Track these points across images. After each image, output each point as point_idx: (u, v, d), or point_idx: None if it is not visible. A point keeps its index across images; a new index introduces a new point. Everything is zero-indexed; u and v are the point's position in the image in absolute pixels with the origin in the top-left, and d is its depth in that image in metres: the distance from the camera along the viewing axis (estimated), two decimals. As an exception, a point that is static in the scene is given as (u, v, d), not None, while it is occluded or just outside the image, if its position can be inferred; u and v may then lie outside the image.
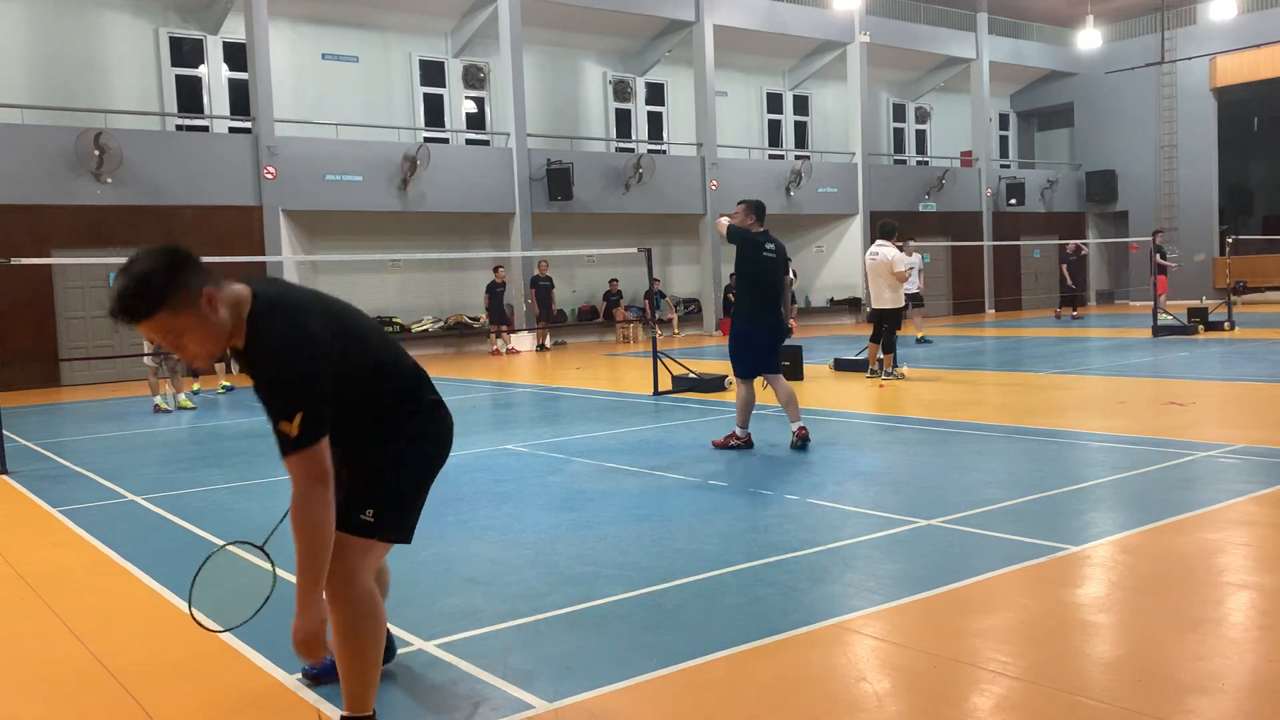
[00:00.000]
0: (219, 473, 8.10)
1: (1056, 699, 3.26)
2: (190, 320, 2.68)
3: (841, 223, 28.07)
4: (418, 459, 3.15)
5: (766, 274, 7.96)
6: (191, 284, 2.67)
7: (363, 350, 2.99)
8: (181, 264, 2.68)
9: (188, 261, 2.70)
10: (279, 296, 2.85)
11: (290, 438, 2.72)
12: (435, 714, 3.36)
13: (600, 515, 6.06)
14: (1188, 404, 9.69)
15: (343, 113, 20.92)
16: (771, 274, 7.99)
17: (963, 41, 30.08)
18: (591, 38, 24.53)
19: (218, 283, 2.74)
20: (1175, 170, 31.17)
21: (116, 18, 18.94)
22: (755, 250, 7.93)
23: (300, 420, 2.71)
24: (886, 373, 12.82)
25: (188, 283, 2.66)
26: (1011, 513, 5.70)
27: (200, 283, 2.69)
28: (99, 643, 4.20)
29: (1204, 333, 18.18)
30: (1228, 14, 26.40)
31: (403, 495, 3.10)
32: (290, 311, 2.81)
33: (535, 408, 12.29)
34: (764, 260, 7.93)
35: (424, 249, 21.23)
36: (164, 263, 2.65)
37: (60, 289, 17.12)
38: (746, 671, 3.58)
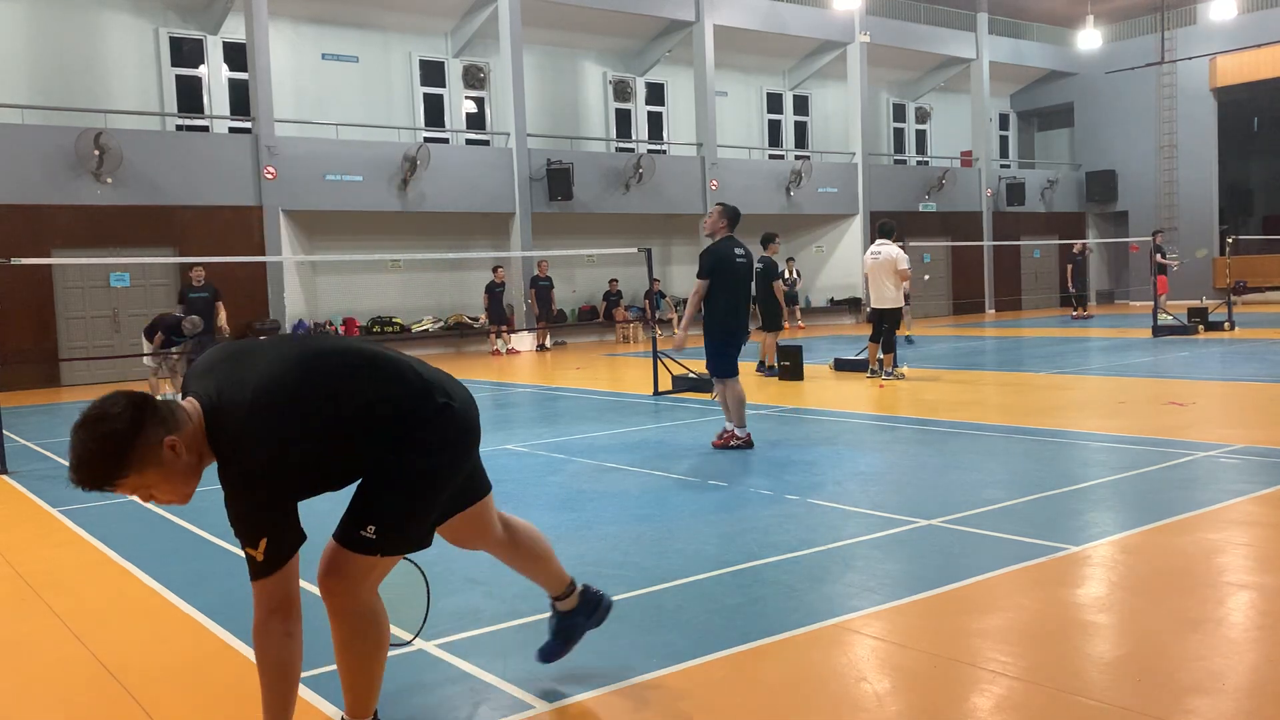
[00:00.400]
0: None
1: (1056, 699, 3.26)
2: (155, 475, 2.57)
3: (841, 223, 28.07)
4: (419, 471, 2.89)
5: (741, 279, 8.32)
6: (152, 439, 2.51)
7: (346, 397, 2.74)
8: (140, 423, 2.49)
9: (146, 416, 2.51)
10: (230, 406, 2.60)
11: (256, 563, 2.63)
12: (435, 714, 3.36)
13: (600, 515, 6.06)
14: (1188, 404, 9.69)
15: (343, 113, 20.92)
16: (745, 278, 8.36)
17: (963, 41, 30.08)
18: (591, 38, 24.53)
19: (175, 424, 2.57)
20: (1175, 170, 31.17)
21: (116, 18, 18.94)
22: (729, 258, 8.20)
23: (264, 547, 2.61)
24: (886, 373, 12.82)
25: (148, 440, 2.50)
26: (1011, 513, 5.69)
27: (161, 434, 2.52)
28: (99, 643, 4.20)
29: (1204, 333, 18.18)
30: (1228, 14, 26.40)
31: (404, 510, 2.92)
32: (241, 429, 2.59)
33: (535, 408, 12.29)
34: (737, 266, 8.21)
35: (424, 249, 21.23)
36: (123, 425, 2.47)
37: (60, 289, 17.11)
38: (746, 671, 3.58)
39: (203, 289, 14.21)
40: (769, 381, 13.23)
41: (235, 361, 2.75)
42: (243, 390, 2.62)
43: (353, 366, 2.80)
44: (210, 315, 14.24)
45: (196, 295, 14.09)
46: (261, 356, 2.74)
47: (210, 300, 14.26)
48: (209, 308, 14.23)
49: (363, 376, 2.80)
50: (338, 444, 2.73)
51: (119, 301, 17.45)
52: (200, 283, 14.24)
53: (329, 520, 3.02)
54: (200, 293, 14.15)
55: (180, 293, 14.29)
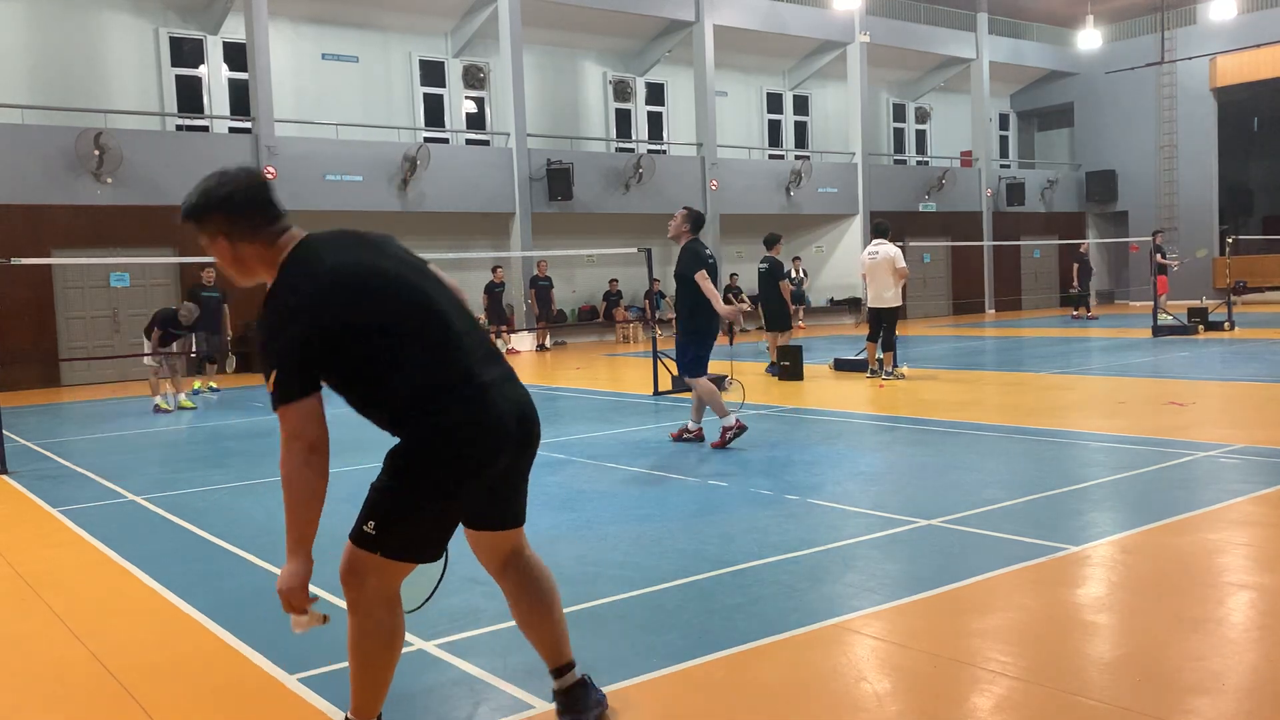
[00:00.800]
0: (219, 473, 8.10)
1: (1056, 699, 3.26)
2: (216, 249, 2.83)
3: (841, 223, 28.07)
4: (422, 474, 2.81)
5: (713, 280, 8.48)
6: (214, 226, 2.79)
7: (384, 350, 2.76)
8: (210, 209, 2.78)
9: (224, 210, 2.77)
10: (312, 257, 2.78)
11: (269, 392, 2.82)
12: (435, 714, 3.36)
13: (600, 515, 6.06)
14: (1188, 404, 9.69)
15: (343, 113, 20.92)
16: (714, 279, 8.50)
17: (963, 41, 30.08)
18: (591, 38, 24.52)
19: (239, 234, 2.79)
20: (1175, 170, 31.17)
21: (116, 18, 18.93)
22: (705, 258, 8.48)
23: (274, 379, 2.76)
24: (886, 372, 12.82)
25: (212, 224, 2.78)
26: (1011, 513, 5.69)
27: (219, 228, 2.78)
28: (99, 642, 4.20)
29: (1204, 333, 18.18)
30: (1228, 14, 26.39)
31: (400, 512, 2.86)
32: (297, 274, 2.75)
33: (535, 408, 12.27)
34: (711, 266, 8.46)
35: (424, 249, 20.98)
36: (200, 199, 2.79)
37: (60, 289, 17.12)
38: (746, 671, 3.58)
39: (213, 289, 14.12)
40: (770, 381, 13.23)
41: (361, 240, 2.91)
42: (335, 256, 2.79)
43: (414, 336, 2.78)
44: (219, 316, 14.17)
45: (208, 295, 13.97)
46: (379, 253, 2.86)
47: (220, 301, 14.20)
48: (219, 309, 14.17)
49: (411, 351, 2.78)
50: (357, 368, 2.84)
51: (119, 301, 17.45)
52: (211, 283, 14.14)
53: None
54: (211, 292, 14.04)
55: (190, 292, 14.14)
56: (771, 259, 13.91)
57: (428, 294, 2.86)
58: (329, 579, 4.95)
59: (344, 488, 7.34)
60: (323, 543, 3.04)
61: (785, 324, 14.07)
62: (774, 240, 14.12)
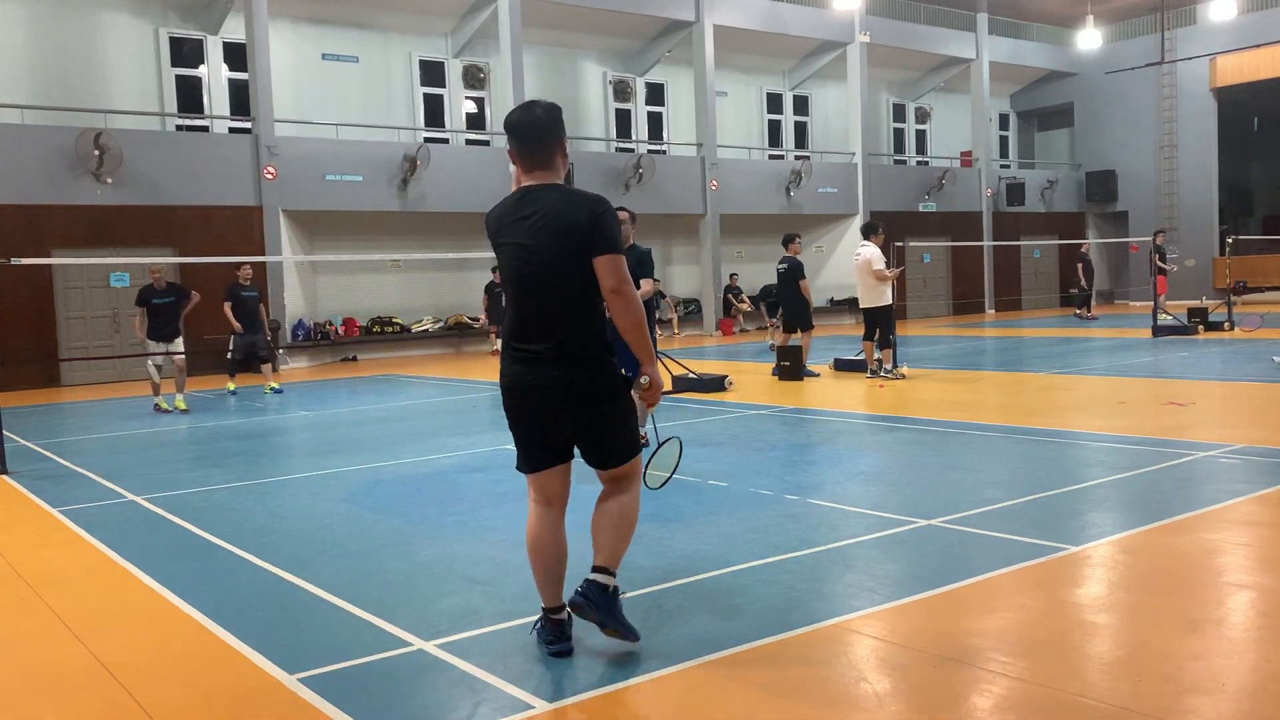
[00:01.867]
0: (219, 473, 8.10)
1: (1056, 699, 3.26)
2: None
3: (841, 223, 28.06)
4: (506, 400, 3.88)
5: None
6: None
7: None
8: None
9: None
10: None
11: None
12: (435, 714, 3.36)
13: (600, 515, 6.06)
14: (1188, 404, 9.69)
15: (343, 113, 20.91)
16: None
17: (963, 41, 30.08)
18: (591, 38, 24.53)
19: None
20: (1175, 170, 31.16)
21: (116, 18, 18.94)
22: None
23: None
24: (886, 371, 12.81)
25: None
26: (1011, 513, 5.70)
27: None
28: (99, 642, 4.20)
29: (1204, 333, 18.18)
30: (1228, 14, 26.39)
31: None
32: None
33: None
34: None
35: (424, 249, 21.22)
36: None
37: (60, 289, 17.12)
38: (746, 671, 3.58)
39: (250, 287, 13.92)
40: (771, 381, 13.22)
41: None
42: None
43: (509, 272, 3.79)
44: (257, 313, 13.95)
45: (248, 294, 13.79)
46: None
47: (258, 299, 14.04)
48: (258, 307, 13.99)
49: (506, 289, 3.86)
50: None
51: (119, 301, 17.44)
52: (248, 281, 13.94)
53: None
54: (250, 291, 13.86)
55: (229, 290, 13.85)
56: (790, 258, 13.82)
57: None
58: (329, 579, 4.97)
59: (343, 488, 7.39)
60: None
61: (807, 323, 13.93)
62: (791, 239, 14.01)
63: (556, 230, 3.61)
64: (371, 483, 7.36)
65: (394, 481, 7.39)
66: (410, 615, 4.30)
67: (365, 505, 6.60)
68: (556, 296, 3.65)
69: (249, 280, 13.95)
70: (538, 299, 3.68)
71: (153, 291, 12.02)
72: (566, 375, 3.66)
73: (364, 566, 5.11)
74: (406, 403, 12.85)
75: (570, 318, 3.66)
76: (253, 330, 13.85)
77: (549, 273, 3.64)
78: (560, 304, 3.66)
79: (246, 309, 13.71)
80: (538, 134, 3.73)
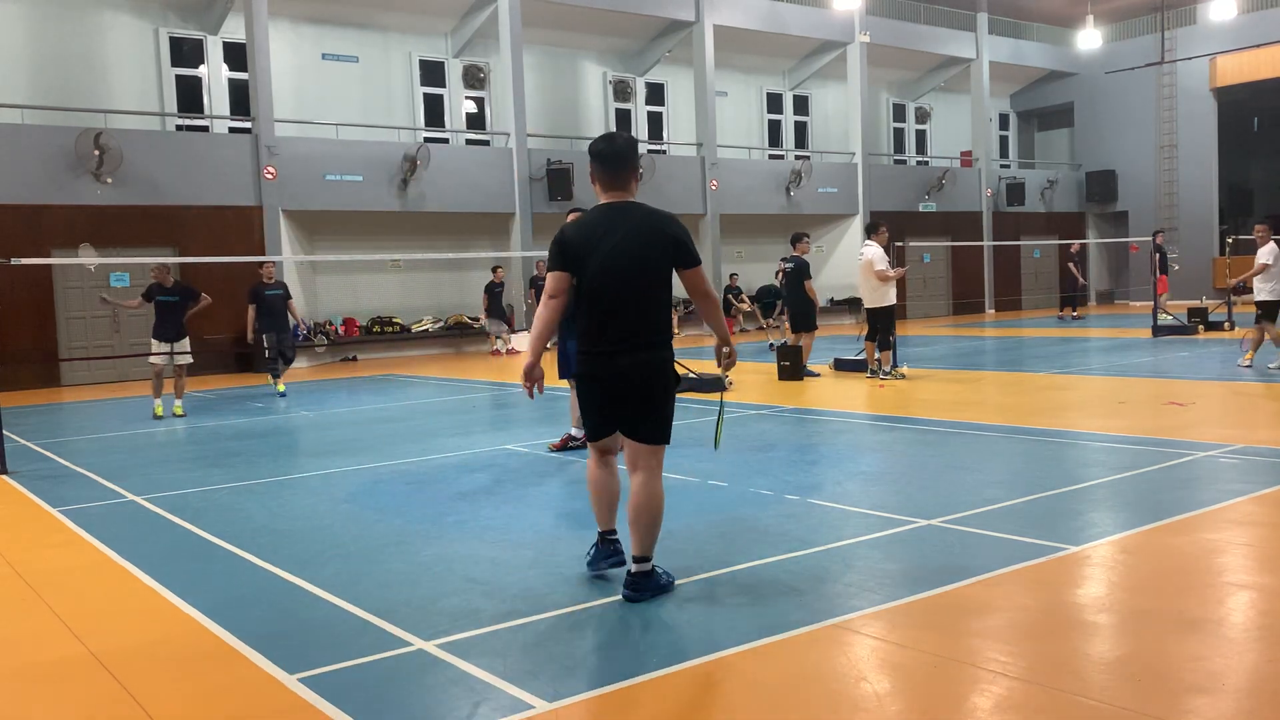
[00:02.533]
0: (219, 473, 8.10)
1: (1056, 699, 3.26)
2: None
3: (841, 223, 28.07)
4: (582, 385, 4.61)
5: None
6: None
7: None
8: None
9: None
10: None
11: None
12: (435, 714, 3.36)
13: (600, 515, 6.06)
14: (1188, 404, 9.69)
15: (343, 113, 20.91)
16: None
17: (963, 41, 30.08)
18: (591, 38, 24.52)
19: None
20: (1175, 170, 31.16)
21: (116, 18, 18.93)
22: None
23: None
24: (885, 372, 12.80)
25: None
26: (1011, 513, 5.70)
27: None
28: (99, 642, 4.20)
29: (1204, 333, 18.18)
30: (1228, 14, 26.38)
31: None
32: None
33: (535, 408, 12.28)
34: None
35: (424, 249, 21.22)
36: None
37: (60, 289, 17.12)
38: (746, 671, 3.58)
39: (275, 285, 13.68)
40: (771, 382, 13.22)
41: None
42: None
43: (597, 277, 4.43)
44: (284, 312, 13.72)
45: (272, 293, 13.57)
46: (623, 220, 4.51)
47: (284, 297, 13.77)
48: (283, 305, 13.74)
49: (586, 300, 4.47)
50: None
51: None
52: (272, 279, 13.69)
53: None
54: (274, 289, 13.62)
55: (252, 291, 13.63)
56: (797, 258, 13.79)
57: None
58: (329, 579, 4.97)
59: (343, 488, 7.38)
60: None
61: (810, 324, 13.91)
62: (799, 238, 13.94)
63: (641, 242, 4.38)
64: (371, 483, 7.36)
65: (394, 481, 7.39)
66: (410, 615, 4.30)
67: (365, 505, 6.60)
68: (641, 296, 4.37)
69: (272, 278, 13.68)
70: (623, 297, 4.36)
71: (160, 289, 11.82)
72: (638, 359, 4.36)
73: (364, 566, 5.11)
74: (406, 403, 12.85)
75: (647, 315, 4.39)
76: (279, 329, 13.63)
77: (632, 277, 4.36)
78: (640, 302, 4.37)
79: (272, 308, 13.43)
80: (620, 161, 4.58)
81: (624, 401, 4.42)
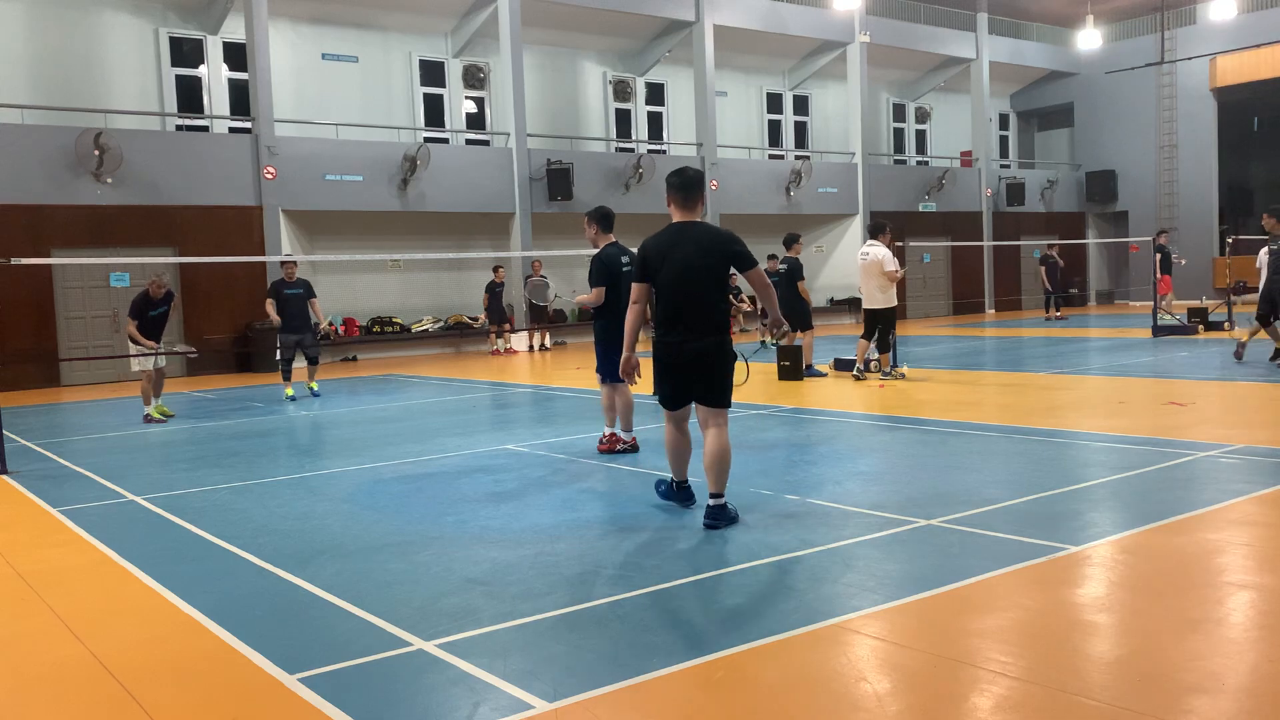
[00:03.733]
0: (219, 473, 8.10)
1: (1056, 699, 3.26)
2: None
3: (841, 223, 28.08)
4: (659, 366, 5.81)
5: (627, 287, 7.82)
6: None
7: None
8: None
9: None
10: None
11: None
12: (435, 714, 3.36)
13: (600, 515, 6.07)
14: (1188, 404, 9.69)
15: (343, 113, 20.92)
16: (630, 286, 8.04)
17: (963, 41, 30.08)
18: (591, 38, 24.53)
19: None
20: (1175, 170, 31.17)
21: (116, 18, 18.94)
22: (618, 267, 7.83)
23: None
24: (884, 373, 12.79)
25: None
26: (1011, 513, 5.70)
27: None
28: (99, 643, 4.20)
29: (1204, 333, 18.18)
30: (1228, 14, 26.39)
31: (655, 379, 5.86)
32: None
33: (535, 408, 12.29)
34: (625, 275, 7.65)
35: (424, 249, 21.22)
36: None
37: (60, 289, 17.12)
38: (746, 671, 3.58)
39: (296, 285, 13.36)
40: (771, 381, 13.22)
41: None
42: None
43: (673, 282, 5.67)
44: (306, 312, 13.39)
45: (291, 292, 13.27)
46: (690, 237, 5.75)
47: (305, 296, 13.41)
48: (304, 304, 13.39)
49: (663, 298, 5.72)
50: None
51: (119, 301, 17.42)
52: (293, 278, 13.40)
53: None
54: (294, 289, 13.32)
55: (272, 287, 13.44)
56: (791, 259, 13.85)
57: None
58: (329, 579, 4.97)
59: (343, 488, 7.38)
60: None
61: (807, 323, 13.95)
62: (793, 240, 14.03)
63: (702, 253, 5.61)
64: (371, 483, 7.36)
65: (394, 481, 7.39)
66: (410, 615, 4.30)
67: (365, 505, 6.60)
68: (704, 295, 5.63)
69: (293, 277, 13.40)
70: (691, 296, 5.60)
71: (149, 303, 11.54)
72: (704, 344, 5.59)
73: (364, 566, 5.11)
74: (406, 403, 12.85)
75: (711, 308, 5.65)
76: (300, 329, 13.37)
77: (700, 278, 5.59)
78: (706, 299, 5.64)
79: (291, 307, 13.21)
80: (692, 189, 5.75)
81: (695, 376, 5.64)
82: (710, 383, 5.65)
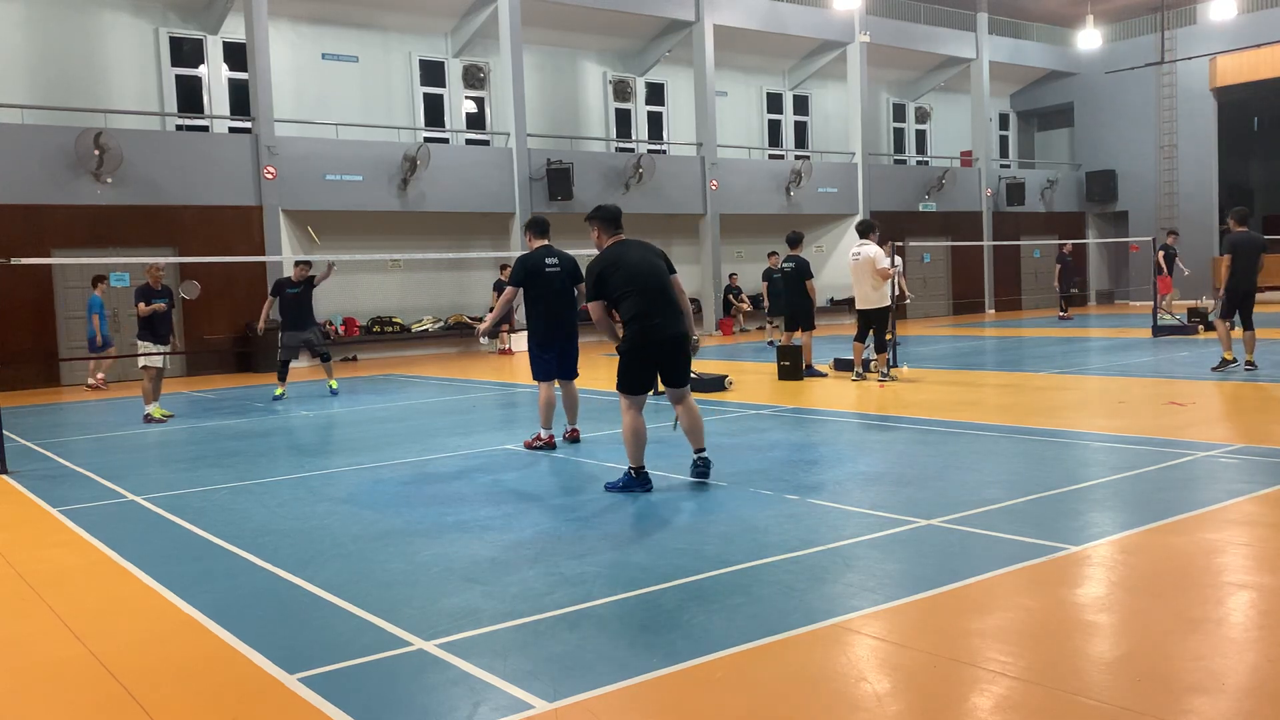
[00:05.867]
0: (219, 473, 8.10)
1: (1056, 699, 3.26)
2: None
3: (841, 223, 28.06)
4: (621, 354, 6.69)
5: (554, 290, 8.59)
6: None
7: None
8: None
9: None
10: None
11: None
12: (435, 714, 3.36)
13: (600, 515, 6.07)
14: (1188, 404, 9.69)
15: (343, 113, 20.91)
16: (557, 289, 8.61)
17: (963, 41, 30.08)
18: (591, 38, 24.52)
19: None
20: (1175, 170, 31.16)
21: (116, 18, 18.94)
22: (540, 268, 8.46)
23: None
24: (882, 374, 12.78)
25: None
26: (1011, 513, 5.70)
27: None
28: (99, 643, 4.20)
29: (1204, 333, 18.18)
30: (1228, 14, 26.38)
31: (619, 369, 6.67)
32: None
33: (535, 407, 12.27)
34: (549, 276, 8.49)
35: (424, 249, 21.21)
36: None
37: (60, 289, 17.11)
38: (746, 671, 3.58)
39: (297, 284, 13.29)
40: (771, 381, 13.21)
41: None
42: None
43: (633, 282, 6.62)
44: (310, 310, 13.38)
45: (293, 290, 13.25)
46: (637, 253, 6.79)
47: (307, 293, 13.35)
48: (308, 302, 13.33)
49: (632, 295, 6.58)
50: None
51: (119, 301, 17.43)
52: (300, 279, 13.30)
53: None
54: (295, 288, 13.28)
55: (275, 284, 13.37)
56: (797, 257, 13.82)
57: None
58: (329, 579, 4.97)
59: (343, 488, 7.38)
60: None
61: (809, 323, 13.93)
62: (798, 239, 14.00)
63: (654, 254, 6.77)
64: (371, 483, 7.36)
65: (394, 481, 7.40)
66: (410, 615, 4.30)
67: (365, 505, 6.60)
68: (667, 286, 6.64)
69: (300, 279, 13.31)
70: (658, 288, 6.58)
71: (152, 291, 11.49)
72: (680, 329, 6.61)
73: (364, 566, 5.11)
74: (407, 403, 12.85)
75: (672, 300, 6.63)
76: (302, 327, 13.31)
77: (658, 272, 6.65)
78: (669, 290, 6.64)
79: (293, 306, 13.16)
80: (618, 218, 6.91)
81: (669, 361, 6.63)
82: (681, 365, 6.68)
